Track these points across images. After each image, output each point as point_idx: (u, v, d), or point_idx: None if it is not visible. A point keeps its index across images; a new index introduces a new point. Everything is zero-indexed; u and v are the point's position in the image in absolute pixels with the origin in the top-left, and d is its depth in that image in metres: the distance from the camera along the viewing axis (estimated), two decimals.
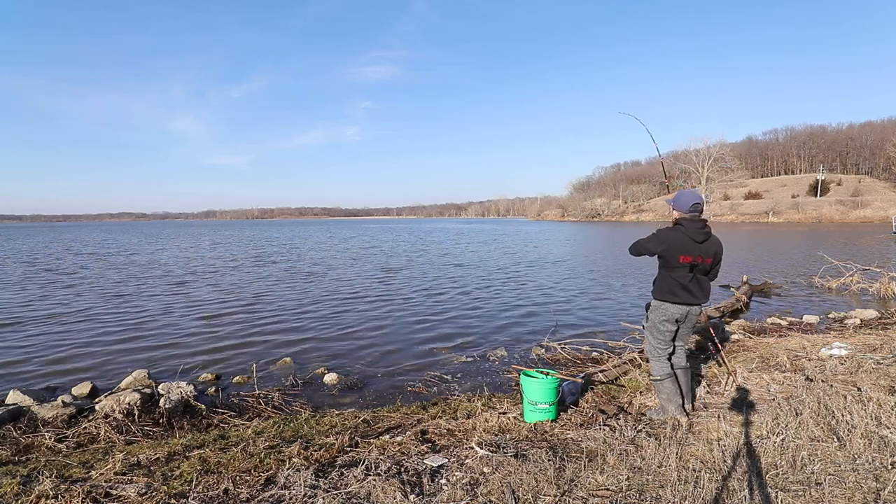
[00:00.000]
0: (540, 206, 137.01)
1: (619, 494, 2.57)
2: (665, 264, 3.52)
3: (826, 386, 4.09)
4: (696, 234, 3.41)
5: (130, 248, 31.51)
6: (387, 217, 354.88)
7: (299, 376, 5.88)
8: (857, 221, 60.79)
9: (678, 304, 3.51)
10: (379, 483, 2.75)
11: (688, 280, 3.46)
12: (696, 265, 3.43)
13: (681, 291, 3.47)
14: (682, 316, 3.56)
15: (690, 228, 3.42)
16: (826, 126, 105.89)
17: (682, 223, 3.47)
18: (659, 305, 3.59)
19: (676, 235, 3.43)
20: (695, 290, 3.49)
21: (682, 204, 3.50)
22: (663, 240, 3.45)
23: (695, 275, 3.48)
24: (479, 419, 3.99)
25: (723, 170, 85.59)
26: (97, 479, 2.99)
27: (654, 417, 3.72)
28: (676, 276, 3.47)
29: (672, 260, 3.44)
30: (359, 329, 8.44)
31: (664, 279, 3.55)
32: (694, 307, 3.55)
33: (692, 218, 3.46)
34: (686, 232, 3.42)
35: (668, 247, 3.42)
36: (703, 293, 3.54)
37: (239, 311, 10.09)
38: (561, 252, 24.58)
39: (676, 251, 3.40)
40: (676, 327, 3.63)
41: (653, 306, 3.67)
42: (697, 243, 3.41)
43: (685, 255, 3.39)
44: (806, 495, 2.48)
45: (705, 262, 3.47)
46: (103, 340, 7.77)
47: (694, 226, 3.43)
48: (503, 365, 6.32)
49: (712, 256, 3.49)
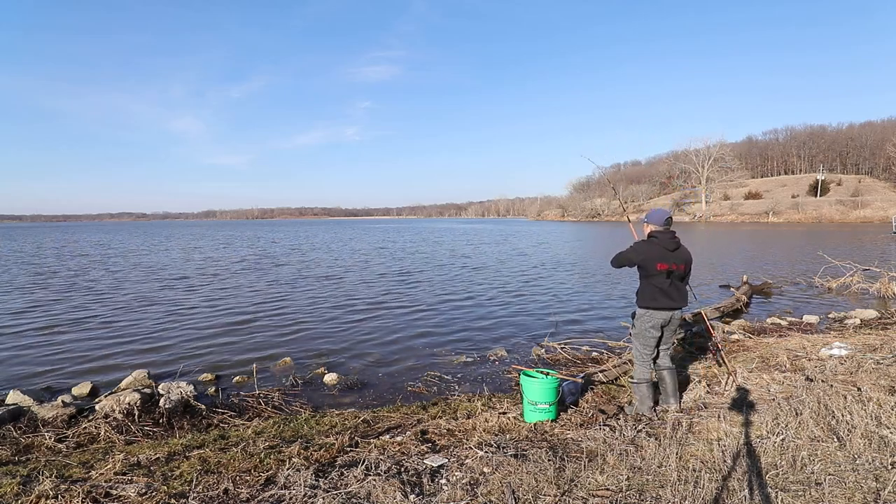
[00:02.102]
0: (540, 206, 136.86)
1: (619, 494, 2.57)
2: (645, 274, 3.89)
3: (826, 386, 4.09)
4: (669, 244, 3.84)
5: (130, 248, 31.51)
6: (387, 217, 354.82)
7: (299, 376, 5.88)
8: (857, 221, 60.72)
9: (661, 309, 3.86)
10: (379, 483, 2.75)
11: (667, 286, 3.83)
12: (672, 272, 3.83)
13: (661, 297, 3.84)
14: (666, 321, 3.91)
15: (663, 239, 3.86)
16: (826, 126, 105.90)
17: (655, 235, 3.91)
18: (644, 313, 3.93)
19: (652, 246, 3.86)
20: (674, 294, 3.86)
21: (655, 219, 3.96)
22: (641, 251, 3.87)
23: (672, 281, 3.85)
24: (479, 419, 3.99)
25: (723, 170, 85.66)
26: (97, 479, 2.99)
27: (628, 413, 4.07)
28: (656, 283, 3.84)
29: (650, 268, 3.82)
30: (359, 329, 8.43)
31: (646, 287, 3.91)
32: (675, 311, 3.91)
33: (664, 230, 3.90)
34: (660, 243, 3.85)
35: (646, 257, 3.82)
36: (681, 297, 3.91)
37: (239, 311, 10.09)
38: (561, 252, 24.59)
39: (654, 260, 3.80)
40: (661, 332, 3.96)
41: (638, 314, 4.00)
42: (670, 252, 3.83)
43: (661, 263, 3.79)
44: (806, 495, 2.48)
45: (679, 268, 3.86)
46: (103, 340, 7.77)
47: (666, 237, 3.87)
48: (503, 365, 6.32)
49: (684, 263, 3.91)
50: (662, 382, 4.09)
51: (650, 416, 3.94)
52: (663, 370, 4.07)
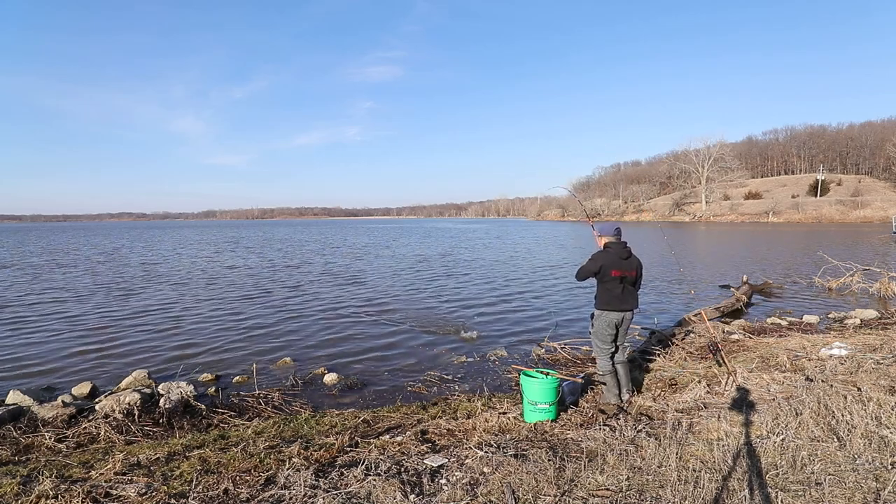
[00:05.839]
0: (540, 206, 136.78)
1: (619, 494, 2.57)
2: (601, 279, 4.36)
3: (826, 386, 4.09)
4: (621, 253, 4.34)
5: (130, 249, 31.50)
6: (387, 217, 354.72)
7: (299, 376, 5.88)
8: (857, 221, 60.70)
9: (615, 311, 4.33)
10: (379, 483, 2.75)
11: (620, 290, 4.32)
12: (624, 277, 4.31)
13: (615, 300, 4.32)
14: (619, 321, 4.38)
15: (617, 249, 4.35)
16: (826, 126, 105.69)
17: (609, 246, 4.40)
18: (601, 314, 4.40)
19: (607, 256, 4.34)
20: (626, 298, 4.36)
21: (606, 231, 4.47)
22: (598, 260, 4.33)
23: (625, 286, 4.34)
24: (479, 419, 3.99)
25: (723, 170, 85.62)
26: (97, 479, 2.99)
27: (601, 402, 4.44)
28: (610, 288, 4.33)
29: (606, 275, 4.30)
30: (358, 329, 8.43)
31: (602, 292, 4.38)
32: (627, 313, 4.39)
33: (617, 241, 4.40)
34: (614, 252, 4.34)
35: (603, 264, 4.30)
36: (633, 300, 4.42)
37: (239, 311, 10.09)
38: (561, 252, 24.58)
39: (608, 267, 4.29)
40: (616, 331, 4.43)
41: (596, 315, 4.46)
42: (623, 260, 4.33)
43: (615, 270, 4.28)
44: (806, 495, 2.48)
45: (630, 274, 4.35)
46: (103, 340, 7.77)
47: (619, 247, 4.37)
48: (503, 365, 6.32)
49: (635, 270, 4.40)
50: (618, 375, 4.51)
51: (617, 402, 4.37)
52: (619, 364, 4.51)
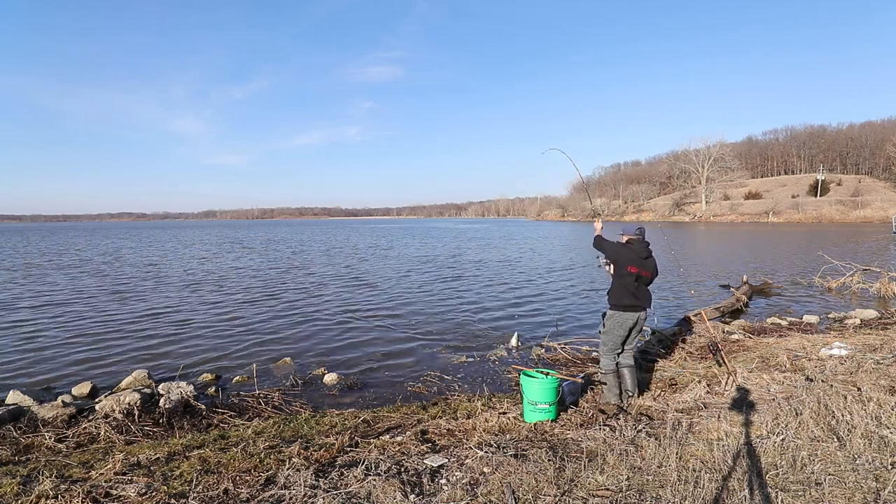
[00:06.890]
0: (540, 206, 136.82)
1: (619, 494, 2.57)
2: (617, 273, 4.44)
3: (826, 386, 4.09)
4: (641, 252, 4.42)
5: (130, 249, 31.50)
6: (387, 217, 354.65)
7: (299, 376, 5.88)
8: (857, 221, 60.67)
9: (629, 310, 4.36)
10: (379, 483, 2.75)
11: (634, 287, 4.35)
12: (640, 276, 4.36)
13: (629, 296, 4.35)
14: (633, 323, 4.39)
15: (637, 247, 4.44)
16: (826, 126, 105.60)
17: (632, 243, 4.48)
18: (613, 315, 4.42)
19: (627, 251, 4.44)
20: (640, 295, 4.39)
21: (629, 230, 4.60)
22: (618, 252, 4.44)
23: (639, 284, 4.38)
24: (479, 419, 3.99)
25: (723, 170, 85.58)
26: (97, 479, 2.99)
27: (600, 402, 4.43)
28: (625, 283, 4.36)
29: (622, 268, 4.38)
30: (358, 329, 8.43)
31: (616, 287, 4.42)
32: (641, 313, 4.41)
33: (639, 240, 4.48)
34: (634, 249, 4.43)
35: (620, 257, 4.40)
36: (646, 299, 4.45)
37: (239, 311, 10.09)
38: (561, 252, 24.58)
39: (625, 262, 4.37)
40: (628, 333, 4.43)
41: (608, 315, 4.47)
42: (642, 258, 4.39)
43: (633, 266, 4.35)
44: (806, 495, 2.48)
45: (646, 274, 4.41)
46: (103, 340, 7.77)
47: (640, 245, 4.45)
48: (503, 365, 6.32)
49: (651, 271, 4.45)
50: (623, 378, 4.48)
51: (617, 402, 4.35)
52: (624, 367, 4.50)
